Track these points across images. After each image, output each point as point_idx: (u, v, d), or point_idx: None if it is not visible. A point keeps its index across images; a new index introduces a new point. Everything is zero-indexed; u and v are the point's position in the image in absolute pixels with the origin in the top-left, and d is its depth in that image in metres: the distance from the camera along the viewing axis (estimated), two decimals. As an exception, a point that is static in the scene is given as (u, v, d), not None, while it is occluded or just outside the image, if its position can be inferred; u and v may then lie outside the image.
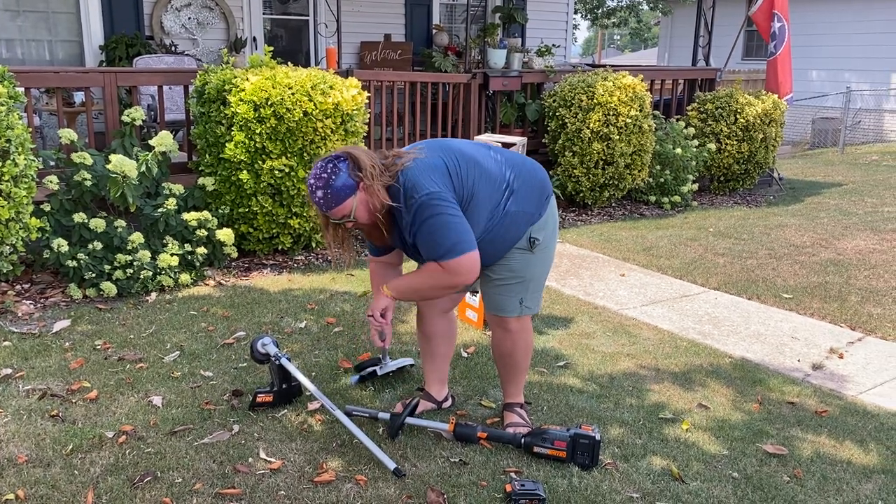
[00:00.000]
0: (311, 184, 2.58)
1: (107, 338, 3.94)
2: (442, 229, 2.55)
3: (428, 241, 2.57)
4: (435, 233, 2.55)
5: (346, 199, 2.56)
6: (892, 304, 4.83)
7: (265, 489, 2.63)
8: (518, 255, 2.83)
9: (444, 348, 3.16)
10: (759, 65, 12.84)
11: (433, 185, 2.56)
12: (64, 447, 2.86)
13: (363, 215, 2.61)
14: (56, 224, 4.67)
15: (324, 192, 2.55)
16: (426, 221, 2.55)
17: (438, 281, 2.63)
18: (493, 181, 2.71)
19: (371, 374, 3.45)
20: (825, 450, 3.02)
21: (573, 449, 2.79)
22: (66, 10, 8.07)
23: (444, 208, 2.55)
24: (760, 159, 8.35)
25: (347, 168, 2.55)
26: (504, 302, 2.88)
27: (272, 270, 5.23)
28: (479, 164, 2.69)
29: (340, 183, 2.54)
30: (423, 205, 2.53)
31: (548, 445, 2.82)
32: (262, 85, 5.00)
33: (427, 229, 2.56)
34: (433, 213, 2.54)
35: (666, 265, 5.64)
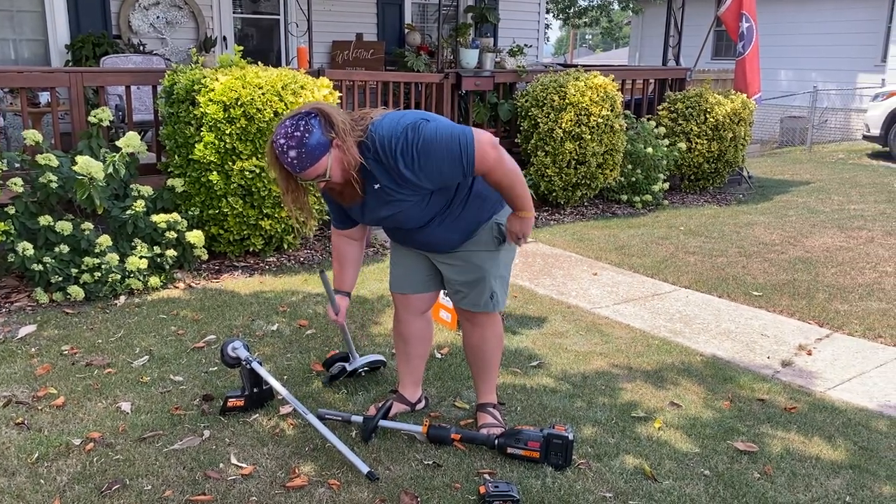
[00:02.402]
0: (282, 144, 2.39)
1: (74, 343, 3.87)
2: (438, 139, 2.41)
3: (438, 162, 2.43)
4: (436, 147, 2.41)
5: (321, 158, 2.40)
6: (859, 300, 4.91)
7: (237, 495, 2.60)
8: (484, 252, 2.84)
9: (420, 350, 3.15)
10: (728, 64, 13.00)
11: (408, 120, 2.45)
12: (29, 455, 2.80)
13: (337, 174, 2.46)
14: (21, 227, 4.58)
15: (297, 152, 2.37)
16: (419, 146, 2.41)
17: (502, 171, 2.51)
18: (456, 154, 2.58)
19: (341, 371, 3.43)
20: (794, 446, 3.06)
21: (546, 449, 2.80)
22: (31, 9, 7.92)
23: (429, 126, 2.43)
24: (730, 158, 8.45)
25: (319, 125, 2.39)
26: (474, 296, 2.89)
27: (243, 272, 5.18)
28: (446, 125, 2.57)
29: (315, 141, 2.38)
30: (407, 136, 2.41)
31: (521, 446, 2.82)
32: (231, 85, 4.95)
33: (428, 153, 2.42)
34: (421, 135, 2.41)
35: (638, 264, 5.68)
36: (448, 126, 2.48)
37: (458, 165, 2.46)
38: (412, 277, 3.00)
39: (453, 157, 2.44)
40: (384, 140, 2.45)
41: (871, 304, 4.85)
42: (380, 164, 2.49)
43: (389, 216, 2.67)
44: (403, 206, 2.61)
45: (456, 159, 2.44)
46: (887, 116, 11.74)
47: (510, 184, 2.58)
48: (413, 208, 2.62)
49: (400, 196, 2.56)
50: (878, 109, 11.90)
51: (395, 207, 2.61)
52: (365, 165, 2.48)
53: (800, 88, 15.19)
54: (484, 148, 2.46)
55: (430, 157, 2.44)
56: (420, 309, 3.09)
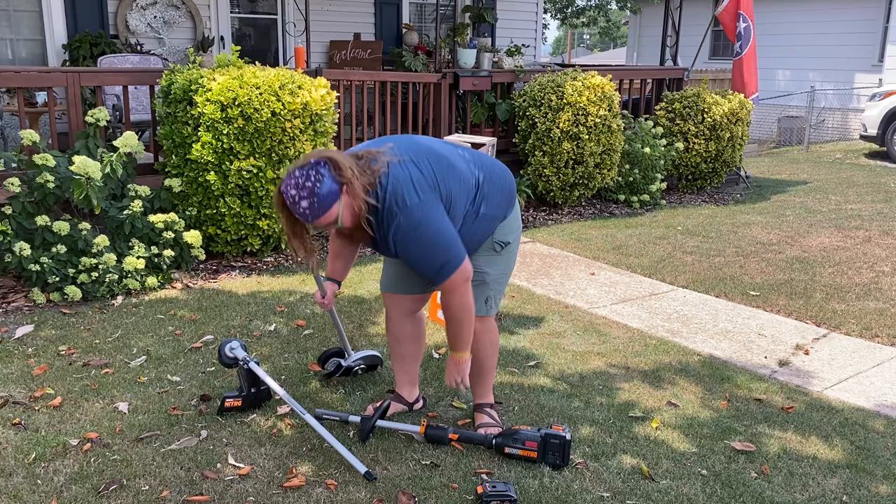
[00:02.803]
0: (293, 195, 2.42)
1: (71, 343, 3.87)
2: (431, 244, 2.51)
3: (417, 257, 2.54)
4: (424, 247, 2.51)
5: (333, 206, 2.44)
6: (856, 300, 4.92)
7: (234, 495, 2.60)
8: (484, 256, 2.85)
9: (412, 349, 3.15)
10: (725, 64, 13.01)
11: (414, 197, 2.48)
12: (26, 456, 2.80)
13: (348, 219, 2.49)
14: (18, 227, 4.57)
15: (310, 202, 2.40)
16: (412, 234, 2.48)
17: (459, 305, 2.62)
18: (466, 183, 2.68)
19: (336, 367, 3.41)
20: (791, 446, 3.06)
21: (544, 449, 2.80)
22: (29, 9, 7.91)
23: (429, 219, 2.49)
24: (727, 158, 8.46)
25: (329, 172, 2.42)
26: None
27: (241, 272, 5.18)
28: (452, 165, 2.65)
29: (326, 189, 2.40)
30: (408, 218, 2.47)
31: (519, 446, 2.82)
32: (229, 85, 4.95)
33: (414, 244, 2.50)
34: (418, 225, 2.48)
35: (635, 264, 5.68)
36: (445, 233, 2.53)
37: (428, 271, 2.57)
38: (405, 279, 2.99)
39: (430, 264, 2.54)
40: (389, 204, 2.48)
41: (868, 303, 4.86)
42: (377, 218, 2.53)
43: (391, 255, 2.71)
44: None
45: (430, 266, 2.55)
46: (884, 116, 11.76)
47: (459, 318, 2.66)
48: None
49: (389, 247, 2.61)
50: (876, 109, 11.92)
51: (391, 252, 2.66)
52: (377, 209, 2.51)
53: (797, 88, 15.21)
54: (457, 279, 2.56)
55: (409, 248, 2.52)
56: (410, 309, 3.09)
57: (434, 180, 2.56)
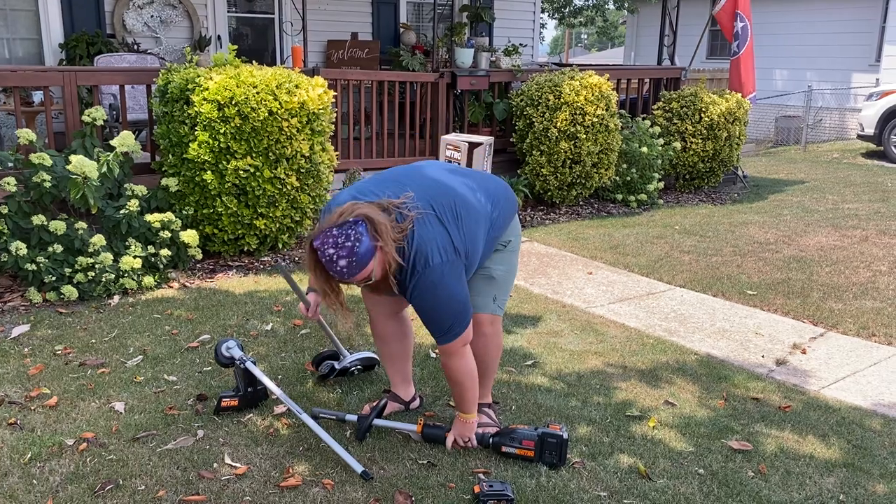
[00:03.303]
0: (331, 254, 2.42)
1: (67, 343, 3.86)
2: (444, 306, 2.58)
3: (429, 315, 2.62)
4: (437, 307, 2.59)
5: (369, 263, 2.45)
6: (853, 299, 4.92)
7: (230, 495, 2.59)
8: (491, 253, 2.86)
9: (399, 348, 3.15)
10: (723, 64, 13.00)
11: (438, 257, 2.54)
12: (22, 456, 2.79)
13: (378, 274, 2.52)
14: (14, 227, 4.56)
15: (348, 262, 2.41)
16: (429, 293, 2.56)
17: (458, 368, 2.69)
18: (482, 221, 2.73)
19: (331, 370, 3.41)
20: (789, 445, 3.06)
21: (541, 448, 2.80)
22: (25, 8, 7.89)
23: (447, 282, 2.56)
24: (725, 157, 8.46)
25: (367, 231, 2.43)
26: (478, 300, 2.87)
27: (238, 272, 5.17)
28: (469, 208, 2.68)
29: (364, 248, 2.41)
30: (429, 277, 2.53)
31: (516, 445, 2.82)
32: (226, 84, 4.94)
33: (429, 303, 2.58)
34: (437, 286, 2.54)
35: (633, 263, 5.68)
36: (457, 298, 2.61)
37: (434, 328, 2.63)
38: None
39: (438, 324, 2.62)
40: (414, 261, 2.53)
41: (865, 302, 4.86)
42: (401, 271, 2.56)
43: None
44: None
45: (438, 326, 2.62)
46: (881, 116, 11.77)
47: (460, 380, 2.73)
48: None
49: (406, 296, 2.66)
50: (873, 109, 11.93)
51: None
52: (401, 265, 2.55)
53: (795, 88, 15.22)
54: (457, 344, 2.66)
55: (423, 305, 2.60)
56: (392, 310, 3.08)
57: (458, 238, 2.61)
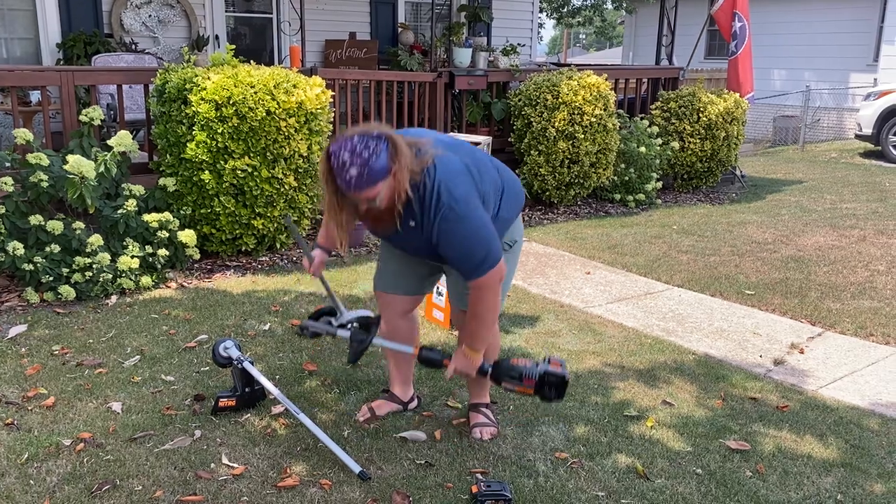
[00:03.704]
0: (345, 160, 2.34)
1: (65, 343, 3.85)
2: (474, 237, 2.50)
3: (460, 250, 2.51)
4: (467, 240, 2.49)
5: (379, 183, 2.37)
6: (851, 299, 4.93)
7: (228, 495, 2.59)
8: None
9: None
10: (721, 64, 13.00)
11: (463, 190, 2.48)
12: (19, 456, 2.79)
13: (385, 202, 2.45)
14: (11, 227, 4.55)
15: (359, 171, 2.33)
16: (457, 226, 2.47)
17: (487, 304, 2.58)
18: (494, 184, 2.70)
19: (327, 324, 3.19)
20: (786, 444, 3.06)
21: (541, 386, 2.70)
22: (23, 8, 7.88)
23: (475, 213, 2.49)
24: (723, 157, 8.46)
25: (387, 150, 2.37)
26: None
27: (235, 272, 5.16)
28: (485, 165, 2.66)
29: (379, 165, 2.35)
30: (455, 209, 2.45)
31: (517, 382, 2.71)
32: (223, 84, 4.93)
33: (460, 236, 2.49)
34: (464, 218, 2.47)
35: (631, 263, 5.68)
36: (488, 227, 2.53)
37: (468, 264, 2.53)
38: (401, 279, 2.97)
39: (471, 257, 2.51)
40: (438, 193, 2.47)
41: (862, 302, 4.86)
42: (422, 206, 2.50)
43: (403, 245, 2.70)
44: (421, 246, 2.63)
45: (471, 260, 2.51)
46: (879, 115, 11.78)
47: (483, 315, 2.62)
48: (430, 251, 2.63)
49: (422, 239, 2.58)
50: (870, 109, 11.94)
51: (420, 244, 2.62)
52: (411, 201, 2.49)
53: (793, 88, 15.23)
54: (493, 276, 2.55)
55: (454, 240, 2.50)
56: (405, 310, 3.05)
57: (476, 175, 2.57)
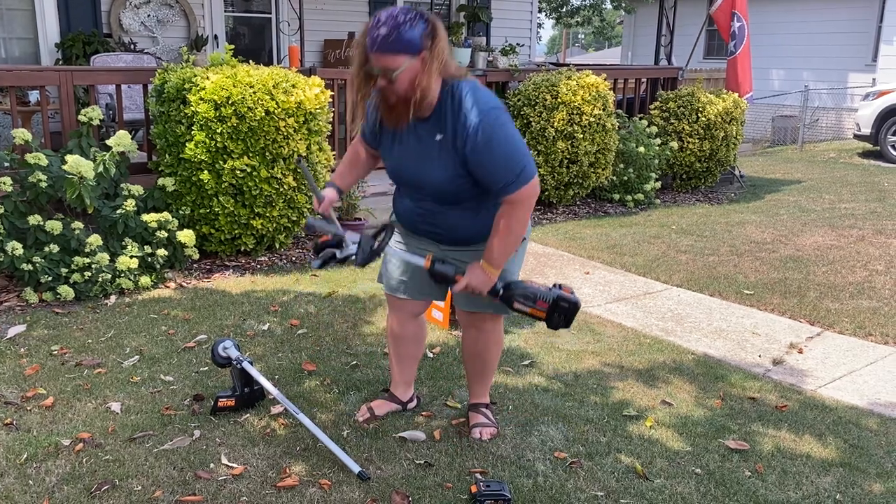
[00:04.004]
0: (379, 19, 2.33)
1: (64, 343, 3.85)
2: (512, 141, 2.43)
3: (498, 159, 2.42)
4: (506, 148, 2.42)
5: (402, 56, 2.33)
6: (850, 299, 4.93)
7: (227, 496, 2.59)
8: None
9: (413, 351, 3.13)
10: (719, 64, 13.02)
11: (495, 101, 2.45)
12: (18, 456, 2.78)
13: (403, 84, 2.37)
14: (10, 227, 4.55)
15: (388, 32, 2.30)
16: (497, 132, 2.40)
17: (520, 219, 2.49)
18: None
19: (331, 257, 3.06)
20: (785, 444, 3.06)
21: (553, 311, 2.63)
22: (21, 7, 7.88)
23: (511, 123, 2.45)
24: (722, 157, 8.47)
25: (424, 29, 2.34)
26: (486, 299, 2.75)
27: (234, 272, 5.16)
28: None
29: (410, 36, 2.31)
30: (495, 115, 2.41)
31: (530, 304, 2.63)
32: (222, 83, 4.93)
33: (497, 144, 2.41)
34: (504, 124, 2.42)
35: (630, 263, 5.68)
36: (521, 139, 2.49)
37: (506, 176, 2.43)
38: (412, 283, 2.90)
39: (510, 167, 2.43)
40: (475, 100, 2.42)
41: (861, 302, 4.87)
42: (456, 115, 2.44)
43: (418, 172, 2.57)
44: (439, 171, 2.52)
45: (510, 171, 2.43)
46: (878, 115, 11.79)
47: (513, 230, 2.52)
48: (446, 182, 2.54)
49: (445, 158, 2.50)
50: (869, 108, 11.95)
51: (432, 168, 2.53)
52: (438, 112, 2.45)
53: (791, 88, 15.24)
54: (530, 189, 2.47)
55: (492, 148, 2.41)
56: (415, 312, 3.02)
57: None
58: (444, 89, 2.46)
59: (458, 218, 2.65)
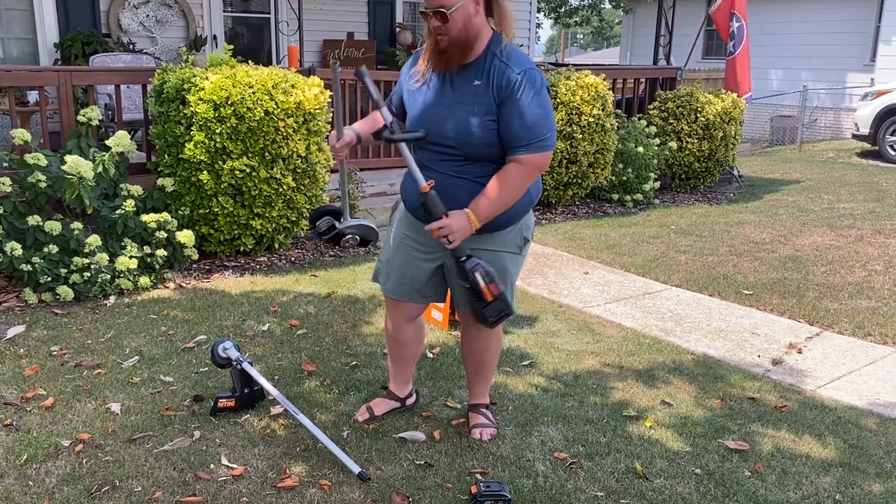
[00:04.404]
0: None
1: (63, 343, 3.85)
2: (545, 108, 2.53)
3: (530, 117, 2.50)
4: (538, 111, 2.51)
5: None
6: (849, 299, 4.94)
7: (227, 496, 2.59)
8: (508, 254, 2.77)
9: (412, 352, 3.13)
10: (718, 64, 13.03)
11: (537, 69, 2.55)
12: (18, 457, 2.78)
13: (457, 24, 2.48)
14: (9, 227, 4.55)
15: None
16: (535, 95, 2.50)
17: (519, 184, 2.57)
18: None
19: (330, 227, 3.12)
20: (785, 444, 3.07)
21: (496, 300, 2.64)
22: (20, 7, 7.87)
23: (547, 94, 2.56)
24: (721, 157, 8.47)
25: None
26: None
27: (234, 272, 5.16)
28: None
29: None
30: (532, 79, 2.50)
31: (488, 280, 2.61)
32: (221, 84, 4.93)
33: (536, 104, 2.50)
34: (538, 88, 2.51)
35: (629, 263, 5.69)
36: (552, 113, 2.60)
37: (531, 135, 2.51)
38: (410, 285, 2.88)
39: (537, 130, 2.52)
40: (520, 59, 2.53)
41: (860, 302, 4.87)
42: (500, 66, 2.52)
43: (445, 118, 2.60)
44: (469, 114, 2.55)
45: (536, 132, 2.52)
46: (876, 115, 11.80)
47: (508, 191, 2.57)
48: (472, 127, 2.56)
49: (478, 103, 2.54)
50: (868, 108, 11.96)
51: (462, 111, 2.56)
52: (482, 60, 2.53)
53: (790, 88, 15.25)
54: (543, 159, 2.58)
55: (531, 105, 2.50)
56: (412, 315, 3.01)
57: None
58: (490, 41, 2.56)
59: (464, 191, 2.63)
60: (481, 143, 2.58)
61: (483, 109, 2.54)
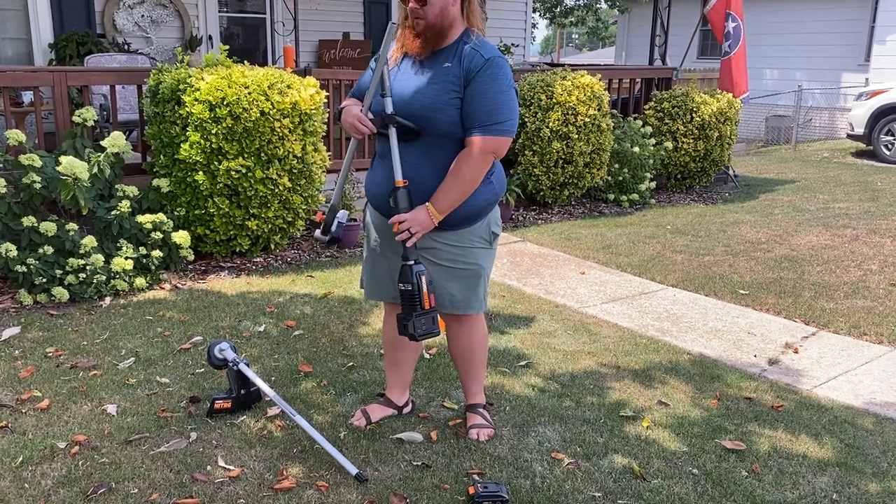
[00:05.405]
0: None
1: (59, 345, 3.83)
2: (508, 94, 2.62)
3: (491, 100, 2.58)
4: (500, 95, 2.59)
5: None
6: (844, 298, 4.95)
7: (224, 498, 2.58)
8: (479, 248, 2.81)
9: (409, 356, 3.13)
10: (714, 64, 13.05)
11: (501, 55, 2.65)
12: (13, 459, 2.77)
13: (434, 10, 2.57)
14: (4, 228, 4.53)
15: None
16: (497, 78, 2.59)
17: (478, 169, 2.63)
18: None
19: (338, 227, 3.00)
20: (782, 444, 3.07)
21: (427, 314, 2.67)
22: (14, 8, 7.85)
23: (511, 81, 2.64)
24: (716, 157, 8.49)
25: None
26: (470, 297, 2.85)
27: (230, 273, 5.15)
28: None
29: None
30: (501, 65, 2.60)
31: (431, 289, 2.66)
32: (217, 84, 4.92)
33: (497, 85, 2.59)
34: (504, 76, 2.60)
35: (625, 263, 5.69)
36: (516, 101, 2.68)
37: (489, 117, 2.58)
38: (382, 284, 2.92)
39: (497, 111, 2.59)
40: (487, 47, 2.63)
41: (856, 302, 4.88)
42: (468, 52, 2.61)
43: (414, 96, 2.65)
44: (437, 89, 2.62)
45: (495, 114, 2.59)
46: (871, 115, 11.84)
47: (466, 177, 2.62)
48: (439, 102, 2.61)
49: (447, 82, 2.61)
50: (862, 108, 12.00)
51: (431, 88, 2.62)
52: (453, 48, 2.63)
53: (785, 87, 15.29)
54: (500, 143, 2.63)
55: (491, 86, 2.58)
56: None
57: None
58: (463, 33, 2.66)
59: (431, 177, 2.67)
60: (448, 121, 2.63)
61: (450, 87, 2.63)
